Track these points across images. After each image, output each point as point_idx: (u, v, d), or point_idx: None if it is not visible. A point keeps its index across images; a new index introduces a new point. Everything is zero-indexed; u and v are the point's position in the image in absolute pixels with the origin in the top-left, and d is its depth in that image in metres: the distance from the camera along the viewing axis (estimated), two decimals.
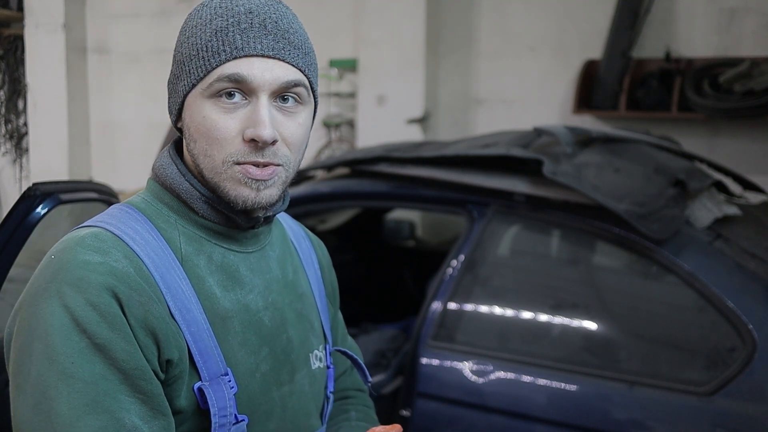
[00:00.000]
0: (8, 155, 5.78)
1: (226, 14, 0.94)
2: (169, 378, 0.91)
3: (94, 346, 0.84)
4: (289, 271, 1.11)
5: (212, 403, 0.91)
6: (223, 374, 0.94)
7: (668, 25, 3.88)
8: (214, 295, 0.96)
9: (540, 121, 3.40)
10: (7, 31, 5.62)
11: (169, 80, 1.01)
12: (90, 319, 0.84)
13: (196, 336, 0.92)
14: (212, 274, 0.97)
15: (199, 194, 0.98)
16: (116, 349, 0.85)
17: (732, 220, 2.30)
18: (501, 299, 2.30)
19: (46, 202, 1.83)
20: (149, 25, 5.19)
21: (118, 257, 0.89)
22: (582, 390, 2.02)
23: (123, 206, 0.99)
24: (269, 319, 1.02)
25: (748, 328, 1.91)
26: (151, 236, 0.94)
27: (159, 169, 1.01)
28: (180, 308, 0.92)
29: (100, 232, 0.92)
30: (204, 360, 0.92)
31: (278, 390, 1.02)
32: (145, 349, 0.87)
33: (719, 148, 3.75)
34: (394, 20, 4.24)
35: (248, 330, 0.99)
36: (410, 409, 2.16)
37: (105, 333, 0.85)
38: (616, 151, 2.42)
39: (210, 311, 0.95)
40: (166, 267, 0.93)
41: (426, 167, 2.50)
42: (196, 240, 0.98)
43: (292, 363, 1.05)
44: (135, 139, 5.26)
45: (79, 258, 0.87)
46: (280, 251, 1.10)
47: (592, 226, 2.20)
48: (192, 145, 0.97)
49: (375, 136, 4.04)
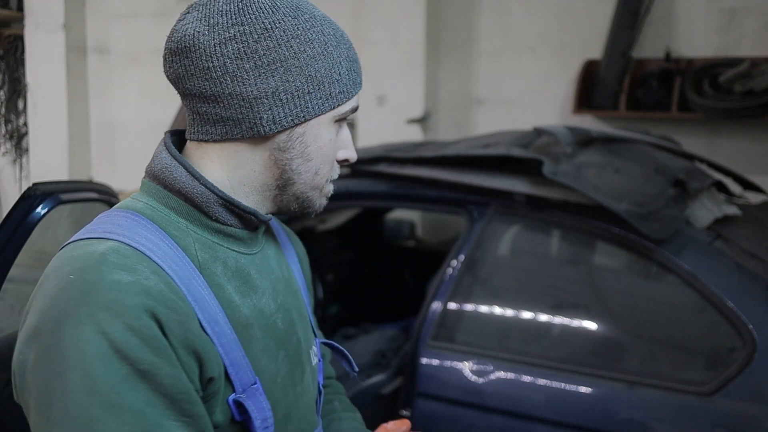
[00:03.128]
0: (8, 155, 5.77)
1: (344, 41, 0.98)
2: (207, 394, 0.88)
3: (137, 372, 0.80)
4: (285, 268, 1.10)
5: (255, 415, 0.91)
6: (253, 383, 0.93)
7: (668, 25, 3.88)
8: (234, 303, 0.94)
9: (540, 121, 3.40)
10: (7, 31, 5.61)
11: (280, 89, 0.92)
12: (131, 344, 0.80)
13: (226, 348, 0.90)
14: (230, 281, 0.95)
15: (218, 198, 0.94)
16: (161, 374, 0.81)
17: (732, 220, 2.30)
18: (501, 299, 2.30)
19: (46, 202, 1.82)
20: (149, 25, 5.18)
21: (147, 274, 0.84)
22: (582, 390, 2.02)
23: (128, 214, 0.92)
24: (281, 321, 1.02)
25: (748, 328, 1.91)
26: (167, 246, 0.89)
27: (163, 172, 0.95)
28: (209, 321, 0.89)
29: (119, 247, 0.85)
30: (236, 371, 0.91)
31: (293, 391, 1.02)
32: (188, 370, 0.84)
33: (719, 148, 3.75)
34: (394, 20, 4.24)
35: (267, 335, 0.98)
36: (410, 409, 2.16)
37: (148, 358, 0.80)
38: (616, 151, 2.42)
39: (233, 320, 0.92)
40: (188, 278, 0.89)
41: (426, 167, 2.50)
42: (209, 246, 0.95)
43: (302, 363, 1.05)
44: (135, 139, 5.25)
45: (108, 278, 0.81)
46: (274, 250, 1.09)
47: (592, 226, 2.20)
48: (298, 162, 0.97)
49: (375, 136, 4.04)
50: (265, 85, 0.91)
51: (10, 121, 5.71)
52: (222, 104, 0.92)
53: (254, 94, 0.91)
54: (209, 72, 0.91)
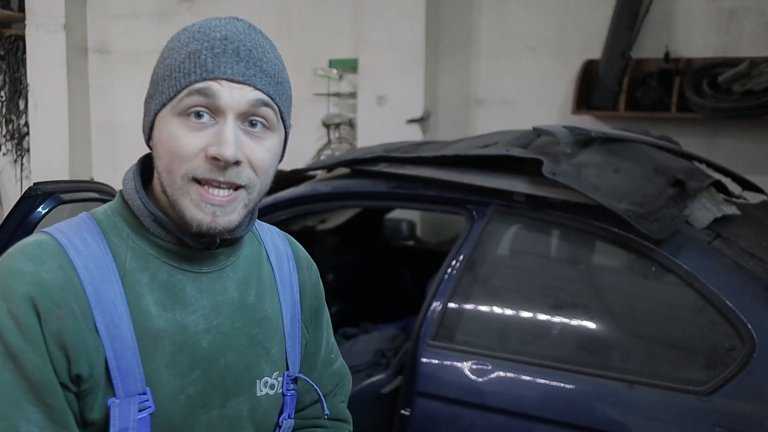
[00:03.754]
0: (9, 155, 5.78)
1: (202, 38, 0.96)
2: (81, 391, 0.92)
3: (6, 353, 0.88)
4: (251, 294, 1.08)
5: (113, 422, 0.92)
6: (141, 393, 0.94)
7: (668, 25, 3.88)
8: (148, 313, 0.96)
9: (540, 121, 3.39)
10: (7, 32, 5.62)
11: (144, 100, 1.02)
12: (7, 327, 0.88)
13: (118, 352, 0.93)
14: (152, 292, 0.97)
15: (149, 212, 0.99)
16: (26, 359, 0.88)
17: (731, 220, 2.30)
18: (501, 299, 2.31)
19: (47, 202, 1.83)
20: (149, 25, 5.19)
21: (51, 267, 0.91)
22: (581, 390, 2.02)
23: (85, 216, 1.01)
24: (208, 342, 1.01)
25: (747, 327, 1.92)
26: (99, 248, 0.96)
27: (123, 184, 1.03)
28: (107, 323, 0.92)
29: (44, 241, 0.94)
30: (122, 377, 0.93)
31: (206, 413, 1.01)
32: (56, 362, 0.89)
33: (718, 148, 3.75)
34: (394, 20, 4.24)
35: (180, 351, 0.98)
36: (410, 409, 2.16)
37: (18, 343, 0.88)
38: (615, 151, 2.42)
39: (140, 329, 0.95)
40: (102, 280, 0.94)
41: (426, 167, 2.50)
42: (143, 256, 0.98)
43: (227, 388, 1.03)
44: (135, 139, 5.21)
45: (14, 265, 0.91)
46: (243, 273, 1.07)
47: (591, 226, 2.20)
48: (157, 162, 0.98)
49: (375, 136, 4.04)
50: (146, 96, 1.03)
51: (11, 121, 5.72)
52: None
53: (144, 107, 1.03)
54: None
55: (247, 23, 1.01)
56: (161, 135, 0.97)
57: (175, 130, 0.95)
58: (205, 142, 0.95)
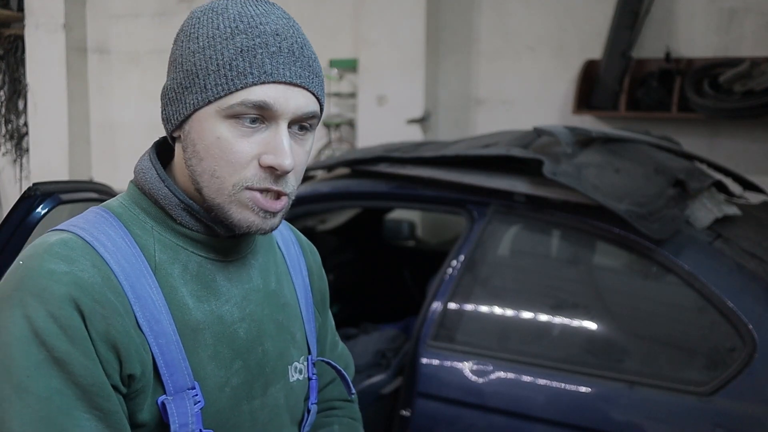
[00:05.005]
0: (8, 155, 5.78)
1: (251, 32, 0.90)
2: (132, 392, 0.89)
3: (52, 359, 0.83)
4: (272, 280, 1.07)
5: (173, 419, 0.89)
6: (190, 388, 0.92)
7: (668, 25, 3.88)
8: (185, 306, 0.94)
9: (540, 121, 3.40)
10: (7, 32, 5.62)
11: (168, 86, 0.95)
12: (50, 331, 0.83)
13: (163, 348, 0.90)
14: (186, 284, 0.95)
15: (178, 201, 0.95)
16: (75, 363, 0.83)
17: (732, 220, 2.30)
18: (501, 299, 2.30)
19: (47, 202, 1.83)
20: (149, 25, 5.19)
21: (85, 266, 0.87)
22: (582, 390, 2.02)
23: (99, 210, 0.96)
24: (245, 331, 0.99)
25: (748, 328, 1.92)
26: (124, 242, 0.92)
27: (139, 174, 0.98)
28: (148, 319, 0.89)
29: (69, 239, 0.89)
30: (170, 373, 0.90)
31: (249, 404, 1.00)
32: (106, 364, 0.85)
33: (719, 148, 3.75)
34: (394, 20, 4.24)
35: (220, 342, 0.96)
36: (410, 409, 2.16)
37: (64, 346, 0.83)
38: (616, 151, 2.42)
39: (180, 322, 0.92)
40: (136, 276, 0.90)
41: (426, 167, 2.50)
42: (171, 248, 0.95)
43: (266, 376, 1.02)
44: (135, 139, 5.26)
45: (45, 267, 0.85)
46: (263, 259, 1.07)
47: (592, 226, 2.20)
48: (194, 162, 0.93)
49: (375, 136, 4.04)
50: (166, 83, 0.96)
51: (11, 121, 5.72)
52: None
53: (162, 92, 0.97)
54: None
55: (281, 9, 0.96)
56: (203, 134, 0.91)
57: (225, 133, 0.90)
58: (258, 149, 0.91)
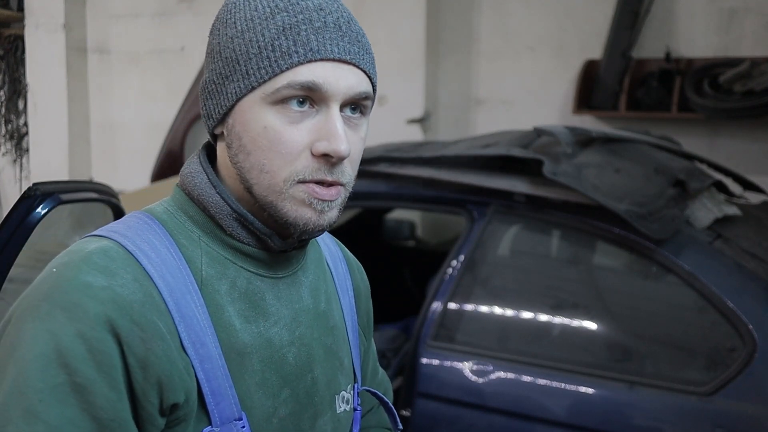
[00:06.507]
0: (8, 155, 5.77)
1: (292, 9, 0.81)
2: (171, 421, 0.79)
3: (71, 385, 0.73)
4: (322, 299, 0.97)
5: None
6: (237, 419, 0.82)
7: (668, 25, 3.88)
8: (232, 327, 0.84)
9: (540, 121, 3.39)
10: (7, 31, 5.61)
11: (207, 80, 0.86)
12: (75, 352, 0.73)
13: (209, 374, 0.81)
14: (233, 302, 0.85)
15: (230, 209, 0.86)
16: (97, 393, 0.73)
17: (732, 220, 2.30)
18: (501, 299, 2.31)
19: (47, 202, 1.82)
20: (149, 25, 5.18)
21: (126, 280, 0.77)
22: (582, 390, 2.02)
23: (142, 215, 0.87)
24: (294, 356, 0.90)
25: (748, 328, 1.92)
26: (169, 254, 0.82)
27: (187, 177, 0.88)
28: (194, 341, 0.80)
29: (111, 247, 0.80)
30: (216, 402, 0.81)
31: None
32: (142, 395, 0.76)
33: (719, 148, 3.75)
34: (394, 20, 4.23)
35: (268, 368, 0.87)
36: (410, 409, 2.16)
37: (89, 372, 0.73)
38: (616, 151, 2.42)
39: (226, 345, 0.83)
40: (181, 292, 0.81)
41: (426, 167, 2.50)
42: (220, 262, 0.86)
43: (315, 407, 0.92)
44: (135, 139, 5.26)
45: (81, 278, 0.76)
46: (313, 276, 0.96)
47: (592, 226, 2.20)
48: (241, 158, 0.84)
49: (375, 136, 4.02)
50: (204, 77, 0.87)
51: (11, 121, 5.72)
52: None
53: (200, 87, 0.88)
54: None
55: None
56: (249, 125, 0.82)
57: (273, 122, 0.81)
58: (309, 136, 0.82)
